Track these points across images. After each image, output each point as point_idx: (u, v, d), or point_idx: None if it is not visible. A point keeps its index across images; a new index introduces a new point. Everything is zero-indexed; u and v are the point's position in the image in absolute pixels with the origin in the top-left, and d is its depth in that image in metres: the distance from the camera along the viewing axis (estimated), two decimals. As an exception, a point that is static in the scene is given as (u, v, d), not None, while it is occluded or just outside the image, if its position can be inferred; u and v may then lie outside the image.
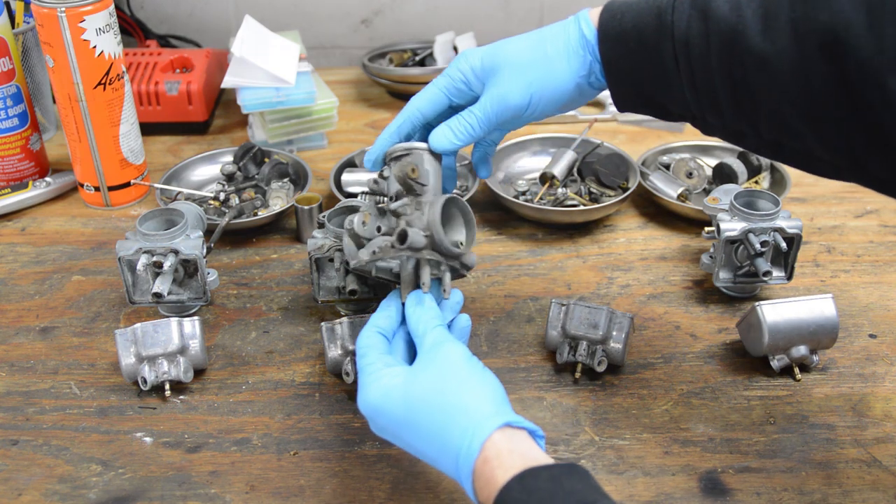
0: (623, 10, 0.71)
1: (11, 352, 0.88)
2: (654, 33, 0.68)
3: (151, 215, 0.90)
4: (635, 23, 0.69)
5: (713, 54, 0.65)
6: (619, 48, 0.70)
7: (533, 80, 0.73)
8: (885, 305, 0.94)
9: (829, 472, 0.74)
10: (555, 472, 0.56)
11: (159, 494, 0.73)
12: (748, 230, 0.89)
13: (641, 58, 0.69)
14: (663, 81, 0.69)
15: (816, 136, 0.63)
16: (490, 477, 0.57)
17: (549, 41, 0.74)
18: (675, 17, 0.67)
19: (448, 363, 0.64)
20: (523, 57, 0.74)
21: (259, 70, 1.17)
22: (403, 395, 0.63)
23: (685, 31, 0.66)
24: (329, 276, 0.90)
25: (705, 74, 0.66)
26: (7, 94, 1.09)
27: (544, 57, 0.73)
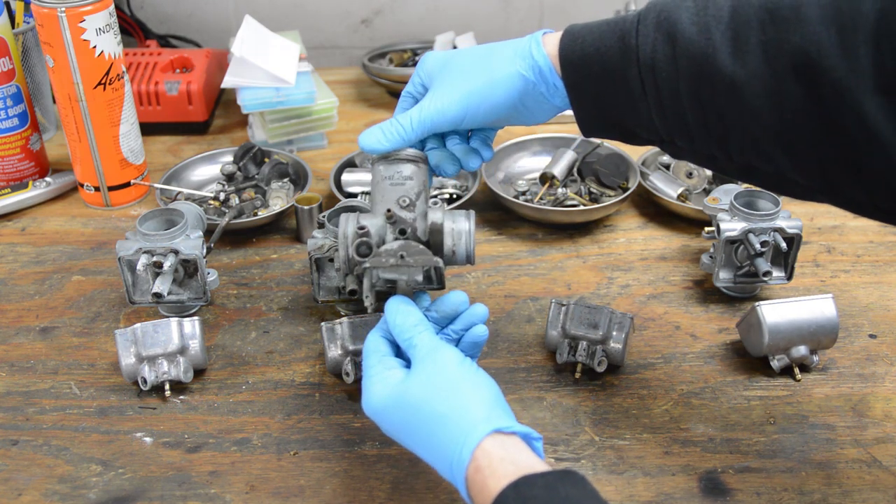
0: (584, 33, 0.69)
1: (11, 352, 0.88)
2: (619, 57, 0.66)
3: (151, 215, 0.90)
4: (597, 46, 0.68)
5: (681, 78, 0.64)
6: (581, 72, 0.69)
7: (472, 92, 0.71)
8: (885, 305, 0.94)
9: (829, 472, 0.74)
10: (550, 478, 0.56)
11: (159, 494, 0.73)
12: (748, 230, 0.89)
13: (605, 82, 0.68)
14: (629, 106, 0.67)
15: (789, 159, 0.62)
16: (483, 486, 0.57)
17: (496, 54, 0.72)
18: (639, 41, 0.65)
19: (438, 369, 0.64)
20: (467, 67, 0.72)
21: (259, 70, 1.17)
22: (400, 402, 0.64)
23: (650, 54, 0.65)
24: (329, 276, 0.90)
25: (673, 98, 0.65)
26: (7, 94, 1.09)
27: (487, 70, 0.71)
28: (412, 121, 0.72)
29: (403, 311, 0.68)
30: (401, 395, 0.64)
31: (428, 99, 0.72)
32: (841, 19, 0.57)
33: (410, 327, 0.67)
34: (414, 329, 0.67)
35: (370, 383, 0.66)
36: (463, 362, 0.64)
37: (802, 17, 0.58)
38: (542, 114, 0.73)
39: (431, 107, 0.72)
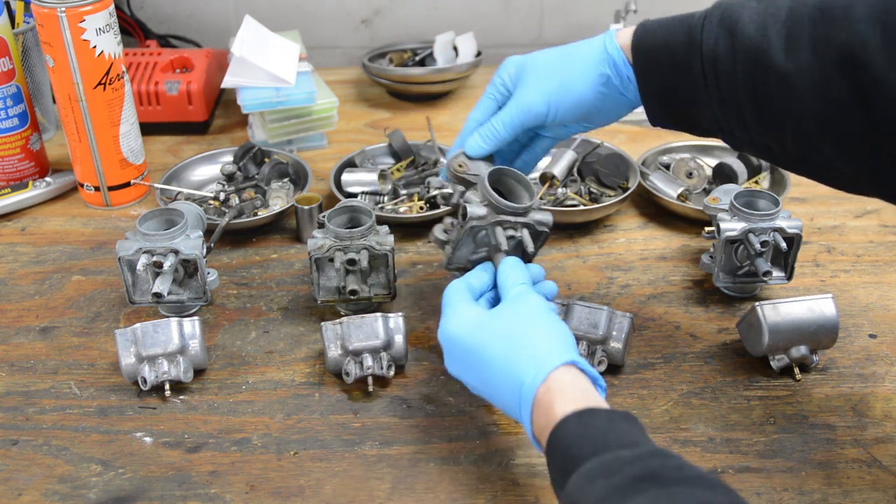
0: (655, 27, 0.75)
1: (11, 352, 0.88)
2: (684, 49, 0.72)
3: (151, 215, 0.90)
4: (666, 40, 0.73)
5: (739, 70, 0.69)
6: (650, 63, 0.74)
7: (552, 90, 0.78)
8: (885, 305, 0.94)
9: (829, 472, 0.74)
10: (612, 415, 0.61)
11: (159, 494, 0.73)
12: (748, 230, 0.89)
13: (672, 73, 0.73)
14: (693, 96, 0.73)
15: (837, 150, 0.67)
16: (550, 405, 0.62)
17: (573, 54, 0.78)
18: (703, 35, 0.70)
19: (527, 307, 0.70)
20: (546, 67, 0.79)
21: (259, 70, 1.17)
22: (481, 326, 0.70)
23: (713, 47, 0.70)
24: (329, 276, 0.90)
25: (732, 89, 0.70)
26: (7, 94, 1.09)
27: (565, 68, 0.78)
28: (503, 122, 0.80)
29: (520, 268, 0.75)
30: (485, 321, 0.70)
31: (514, 100, 0.80)
32: (886, 17, 0.61)
33: (519, 283, 0.73)
34: (521, 284, 0.73)
35: (451, 312, 0.72)
36: (549, 308, 0.71)
37: (851, 15, 0.63)
38: (618, 108, 0.79)
39: (518, 106, 0.79)
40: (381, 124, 1.31)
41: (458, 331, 0.71)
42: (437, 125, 1.29)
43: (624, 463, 0.56)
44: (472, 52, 1.37)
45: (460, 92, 1.41)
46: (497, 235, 0.78)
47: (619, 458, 0.56)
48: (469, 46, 1.38)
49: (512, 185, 0.82)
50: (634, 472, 0.55)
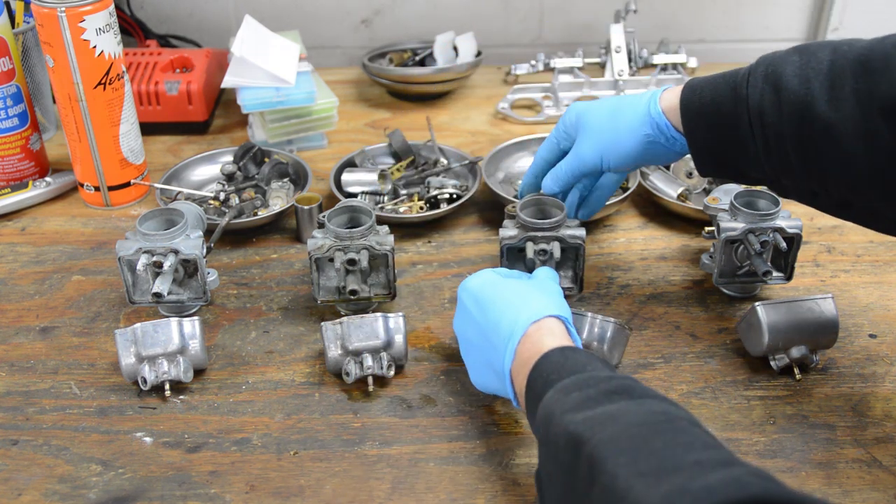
0: (702, 86, 0.79)
1: (11, 352, 0.88)
2: (731, 105, 0.76)
3: (151, 215, 0.90)
4: (713, 97, 0.78)
5: (785, 123, 0.72)
6: (699, 120, 0.79)
7: (604, 146, 0.86)
8: (885, 305, 0.94)
9: (829, 472, 0.74)
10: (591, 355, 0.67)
11: (159, 494, 0.73)
12: (748, 230, 0.89)
13: (720, 128, 0.78)
14: (741, 149, 0.77)
15: (882, 196, 0.71)
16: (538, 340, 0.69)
17: (621, 114, 0.85)
18: (749, 91, 0.75)
19: (540, 278, 0.80)
20: (599, 124, 0.87)
21: (259, 70, 1.17)
22: (495, 283, 0.77)
23: (759, 101, 0.74)
24: (329, 276, 0.90)
25: (778, 141, 0.74)
26: (7, 94, 1.09)
27: (614, 128, 0.85)
28: (565, 170, 0.90)
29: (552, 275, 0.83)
30: (500, 280, 0.78)
31: (573, 150, 0.89)
32: None
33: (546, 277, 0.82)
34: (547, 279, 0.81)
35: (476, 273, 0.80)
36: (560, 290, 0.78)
37: (891, 66, 0.67)
38: (668, 157, 0.86)
39: (576, 158, 0.89)
40: (381, 124, 1.31)
41: (474, 282, 0.79)
42: (437, 125, 1.29)
43: (599, 380, 0.62)
44: (472, 52, 1.37)
45: (460, 92, 1.41)
46: (527, 249, 0.88)
47: (595, 377, 0.62)
48: (469, 46, 1.38)
49: (549, 210, 0.93)
50: (608, 387, 0.61)
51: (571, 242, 0.89)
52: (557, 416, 0.60)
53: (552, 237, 0.88)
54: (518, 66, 1.41)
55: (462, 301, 0.80)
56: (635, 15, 1.39)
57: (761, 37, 1.53)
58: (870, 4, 1.51)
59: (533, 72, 1.40)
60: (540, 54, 1.40)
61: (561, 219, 0.89)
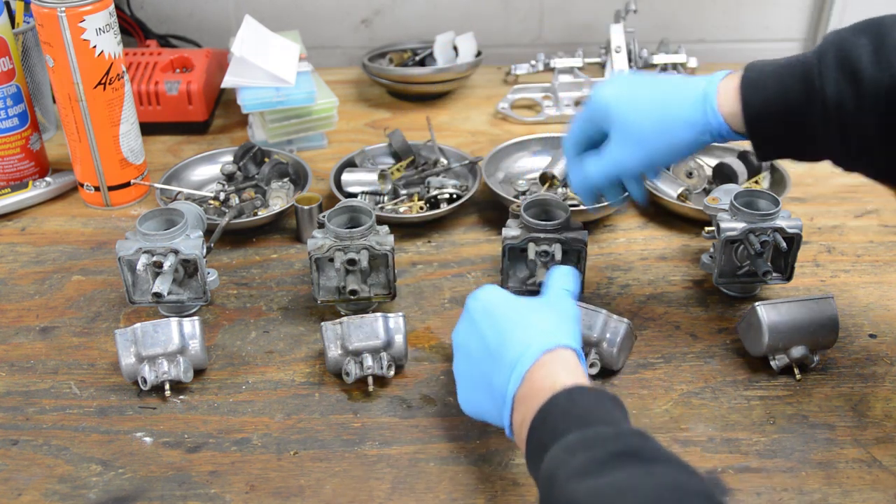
0: (764, 79, 0.74)
1: (11, 352, 0.88)
2: (804, 99, 0.71)
3: (151, 215, 0.90)
4: (779, 91, 0.72)
5: (867, 113, 0.68)
6: (764, 118, 0.74)
7: (649, 156, 0.78)
8: (885, 305, 0.94)
9: (829, 472, 0.74)
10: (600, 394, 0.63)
11: (159, 494, 0.73)
12: (748, 230, 0.89)
13: (788, 123, 0.73)
14: (812, 140, 0.73)
15: None
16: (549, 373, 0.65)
17: (671, 118, 0.77)
18: (823, 82, 0.70)
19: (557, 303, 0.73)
20: (641, 128, 0.77)
21: (259, 70, 1.17)
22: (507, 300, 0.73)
23: (836, 95, 0.69)
24: (329, 276, 0.90)
25: (859, 131, 0.70)
26: (7, 94, 1.09)
27: (663, 136, 0.77)
28: (596, 174, 0.80)
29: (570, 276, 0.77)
30: (512, 298, 0.73)
31: (608, 153, 0.79)
32: None
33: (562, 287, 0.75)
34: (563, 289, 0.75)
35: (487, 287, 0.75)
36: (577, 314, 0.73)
37: None
38: None
39: (612, 163, 0.79)
40: (381, 124, 1.31)
41: (487, 295, 0.74)
42: (437, 125, 1.29)
43: (606, 439, 0.57)
44: (472, 52, 1.37)
45: (460, 92, 1.41)
46: (529, 250, 0.88)
47: (601, 434, 0.58)
48: (469, 46, 1.38)
49: (553, 211, 0.92)
50: (615, 448, 0.56)
51: (573, 245, 0.89)
52: (561, 482, 0.56)
53: (554, 239, 0.88)
54: (518, 66, 1.41)
55: (470, 311, 0.75)
56: (635, 15, 1.39)
57: (761, 37, 1.53)
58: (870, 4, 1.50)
59: (533, 72, 1.40)
60: (540, 54, 1.40)
61: (564, 221, 0.89)
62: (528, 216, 0.90)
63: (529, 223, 0.89)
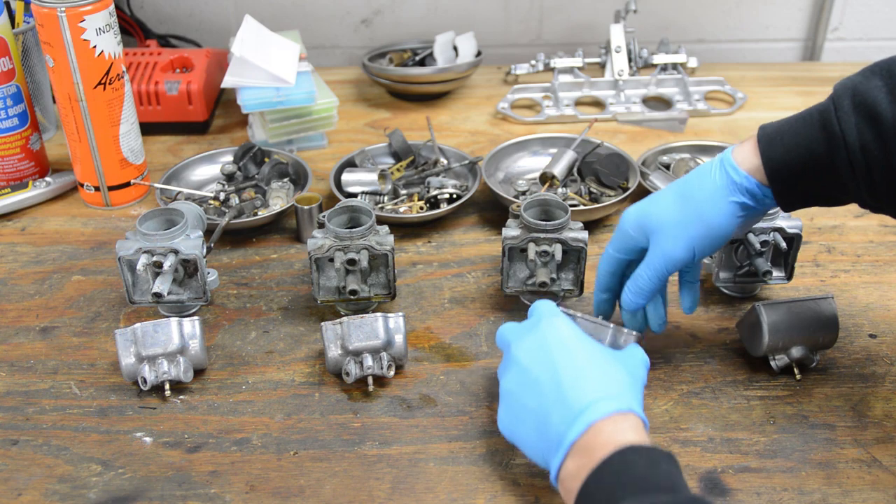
0: (781, 133, 0.73)
1: (11, 352, 0.88)
2: (825, 147, 0.70)
3: (151, 215, 0.90)
4: (798, 141, 0.72)
5: (893, 154, 0.68)
6: (786, 171, 0.72)
7: (694, 238, 0.76)
8: (885, 305, 0.94)
9: (829, 472, 0.74)
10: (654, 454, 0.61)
11: (159, 494, 0.73)
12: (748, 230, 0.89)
13: (812, 172, 0.72)
14: (838, 188, 0.72)
15: None
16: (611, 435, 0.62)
17: (695, 196, 0.76)
18: (843, 127, 0.69)
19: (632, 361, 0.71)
20: (674, 217, 0.77)
21: (259, 70, 1.17)
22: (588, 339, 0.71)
23: (857, 139, 0.69)
24: (329, 276, 0.90)
25: (885, 174, 0.69)
26: (7, 94, 1.09)
27: (695, 213, 0.76)
28: (650, 276, 0.79)
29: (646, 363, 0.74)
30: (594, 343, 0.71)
31: (655, 254, 0.78)
32: None
33: None
34: None
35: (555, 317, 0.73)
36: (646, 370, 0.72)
37: None
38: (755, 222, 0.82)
39: (662, 260, 0.78)
40: (381, 124, 1.31)
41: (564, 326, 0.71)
42: (437, 125, 1.29)
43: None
44: (472, 52, 1.37)
45: (460, 92, 1.41)
46: (529, 250, 0.88)
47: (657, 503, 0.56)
48: (469, 46, 1.38)
49: (553, 211, 0.92)
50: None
51: (573, 245, 0.88)
52: None
53: (554, 239, 0.88)
54: (518, 66, 1.41)
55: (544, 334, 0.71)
56: (635, 15, 1.39)
57: (761, 37, 1.53)
58: (870, 4, 1.51)
59: (533, 72, 1.40)
60: (540, 54, 1.40)
61: (564, 221, 0.89)
62: (528, 216, 0.90)
63: (529, 223, 0.89)
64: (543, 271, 0.89)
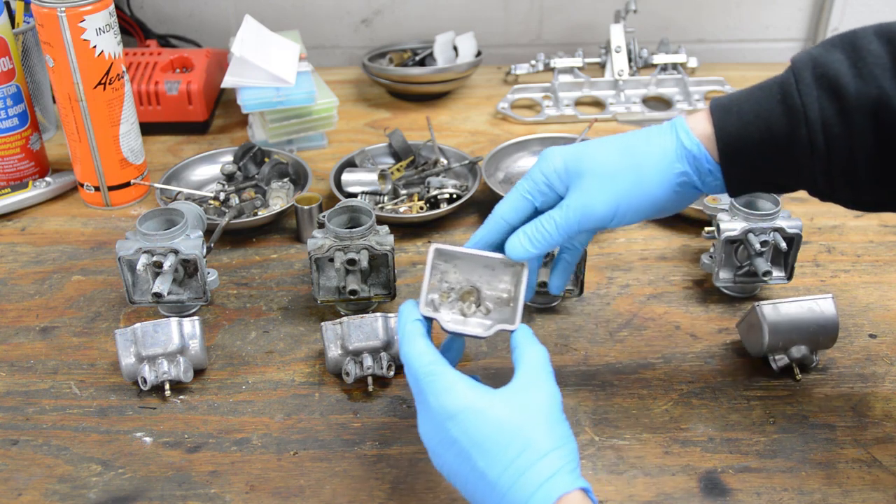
0: (738, 103, 0.67)
1: (11, 352, 0.88)
2: (784, 120, 0.65)
3: (151, 215, 0.90)
4: (757, 113, 0.66)
5: (855, 132, 0.63)
6: (740, 143, 0.67)
7: (621, 192, 0.68)
8: (885, 305, 0.94)
9: (829, 472, 0.74)
10: None
11: (159, 494, 0.73)
12: (748, 230, 0.89)
13: (767, 147, 0.66)
14: (791, 166, 0.66)
15: None
16: None
17: (641, 150, 0.69)
18: (804, 101, 0.64)
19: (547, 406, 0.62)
20: (611, 166, 0.69)
21: (259, 70, 1.17)
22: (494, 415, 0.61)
23: (819, 113, 0.64)
24: (329, 276, 0.90)
25: (845, 154, 0.64)
26: (7, 94, 1.09)
27: (634, 167, 0.68)
28: (557, 225, 0.69)
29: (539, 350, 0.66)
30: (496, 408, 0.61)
31: (572, 201, 0.69)
32: None
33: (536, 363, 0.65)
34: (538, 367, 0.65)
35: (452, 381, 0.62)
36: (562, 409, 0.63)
37: None
38: (686, 202, 0.71)
39: (579, 210, 0.69)
40: (381, 124, 1.31)
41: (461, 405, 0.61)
42: (437, 125, 1.29)
43: None
44: (472, 52, 1.37)
45: (460, 92, 1.41)
46: None
47: None
48: (469, 46, 1.38)
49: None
50: None
51: None
52: None
53: None
54: (518, 66, 1.41)
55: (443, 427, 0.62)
56: (635, 15, 1.39)
57: (761, 37, 1.53)
58: (870, 4, 1.51)
59: (533, 72, 1.40)
60: (540, 54, 1.40)
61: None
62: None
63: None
64: (544, 271, 0.88)
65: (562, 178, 0.70)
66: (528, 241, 0.70)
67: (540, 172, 0.71)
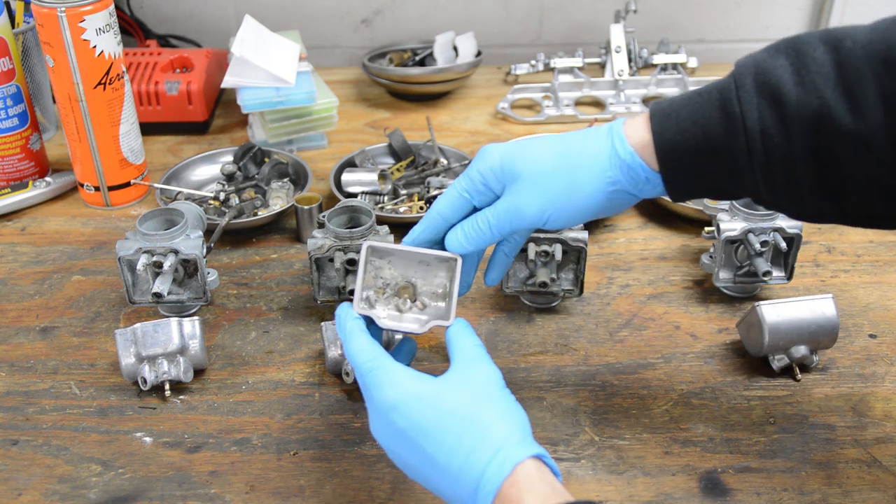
0: (676, 109, 0.66)
1: (11, 352, 0.88)
2: (722, 128, 0.63)
3: (151, 215, 0.90)
4: (695, 119, 0.64)
5: (795, 143, 0.61)
6: (678, 150, 0.65)
7: (552, 197, 0.68)
8: (885, 305, 0.94)
9: (829, 472, 0.74)
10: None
11: (159, 494, 0.73)
12: (748, 230, 0.89)
13: (705, 155, 0.65)
14: (731, 174, 0.65)
15: None
16: (517, 500, 0.56)
17: (576, 154, 0.68)
18: (743, 109, 0.62)
19: (486, 383, 0.63)
20: (545, 168, 0.68)
21: (259, 70, 1.17)
22: (434, 399, 0.61)
23: (758, 122, 0.62)
24: (329, 276, 0.90)
25: (785, 163, 0.62)
26: (7, 94, 1.09)
27: (568, 171, 0.68)
28: (490, 224, 0.70)
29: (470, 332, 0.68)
30: (439, 394, 0.61)
31: (506, 202, 0.69)
32: None
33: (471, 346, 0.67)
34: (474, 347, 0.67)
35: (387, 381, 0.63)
36: (506, 387, 0.63)
37: None
38: (622, 207, 0.70)
39: (511, 211, 0.69)
40: (381, 124, 1.31)
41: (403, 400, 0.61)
42: (437, 125, 1.29)
43: None
44: (472, 52, 1.37)
45: (460, 92, 1.41)
46: (529, 250, 0.87)
47: None
48: (469, 46, 1.38)
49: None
50: None
51: (573, 245, 0.88)
52: None
53: (554, 239, 0.88)
54: (518, 66, 1.41)
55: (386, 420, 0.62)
56: (635, 15, 1.39)
57: (761, 37, 1.53)
58: (870, 4, 1.51)
59: (533, 72, 1.40)
60: (540, 54, 1.40)
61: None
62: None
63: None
64: (544, 271, 0.89)
65: (498, 177, 0.70)
66: (465, 237, 0.71)
67: (477, 171, 0.71)
